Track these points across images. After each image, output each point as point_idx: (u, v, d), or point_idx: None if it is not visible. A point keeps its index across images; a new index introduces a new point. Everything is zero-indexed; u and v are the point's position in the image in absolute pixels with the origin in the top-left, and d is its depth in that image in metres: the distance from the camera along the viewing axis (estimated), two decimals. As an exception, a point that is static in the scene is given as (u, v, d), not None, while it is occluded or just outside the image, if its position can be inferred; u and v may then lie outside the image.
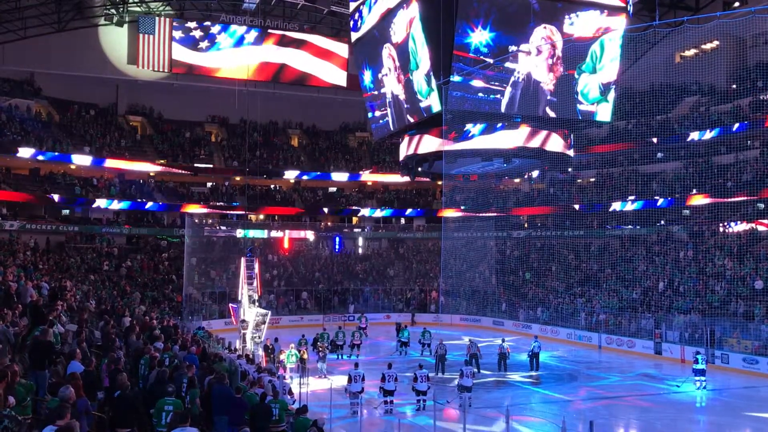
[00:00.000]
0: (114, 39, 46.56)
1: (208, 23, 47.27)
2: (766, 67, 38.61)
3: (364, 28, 33.07)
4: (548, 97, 28.54)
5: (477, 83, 27.78)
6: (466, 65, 27.11)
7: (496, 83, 28.04)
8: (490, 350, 28.89)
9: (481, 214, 47.75)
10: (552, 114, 29.00)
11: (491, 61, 26.69)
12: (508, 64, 27.78)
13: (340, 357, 29.39)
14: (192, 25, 47.02)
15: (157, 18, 46.13)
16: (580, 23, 28.08)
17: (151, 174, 48.27)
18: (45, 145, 42.00)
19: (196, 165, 49.10)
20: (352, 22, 34.25)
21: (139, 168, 46.99)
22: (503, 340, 27.62)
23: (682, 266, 36.19)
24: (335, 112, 55.77)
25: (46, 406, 8.58)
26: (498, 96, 28.40)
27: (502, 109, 28.35)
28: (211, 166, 49.89)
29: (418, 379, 19.86)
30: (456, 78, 26.84)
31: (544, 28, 27.58)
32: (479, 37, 26.93)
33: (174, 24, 46.62)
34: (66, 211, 44.74)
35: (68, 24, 43.21)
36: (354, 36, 34.68)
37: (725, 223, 37.13)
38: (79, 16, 43.80)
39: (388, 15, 29.84)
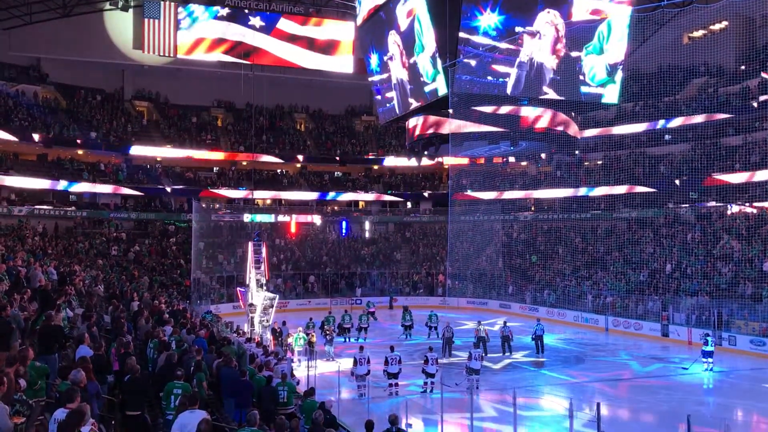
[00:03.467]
0: (119, 24, 46.38)
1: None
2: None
3: (370, 8, 32.93)
4: (551, 76, 28.44)
5: (486, 66, 27.70)
6: (474, 48, 27.01)
7: (505, 66, 27.96)
8: (496, 333, 28.98)
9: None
10: (556, 96, 28.90)
11: (499, 44, 26.60)
12: (514, 46, 27.68)
13: (347, 340, 29.53)
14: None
15: (162, 2, 45.95)
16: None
17: (158, 159, 48.37)
18: (52, 130, 42.16)
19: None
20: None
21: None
22: (504, 323, 27.67)
23: (689, 248, 36.08)
24: (341, 96, 55.60)
25: (57, 389, 8.66)
26: (506, 79, 28.32)
27: (508, 91, 28.27)
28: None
29: (429, 361, 19.96)
30: (464, 62, 26.75)
31: (548, 12, 27.45)
32: (488, 20, 26.80)
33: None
34: (74, 197, 44.94)
35: (73, 9, 43.08)
36: (360, 15, 34.49)
37: (735, 204, 36.88)
38: (84, 1, 43.66)
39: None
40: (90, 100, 48.31)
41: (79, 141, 44.07)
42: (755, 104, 36.87)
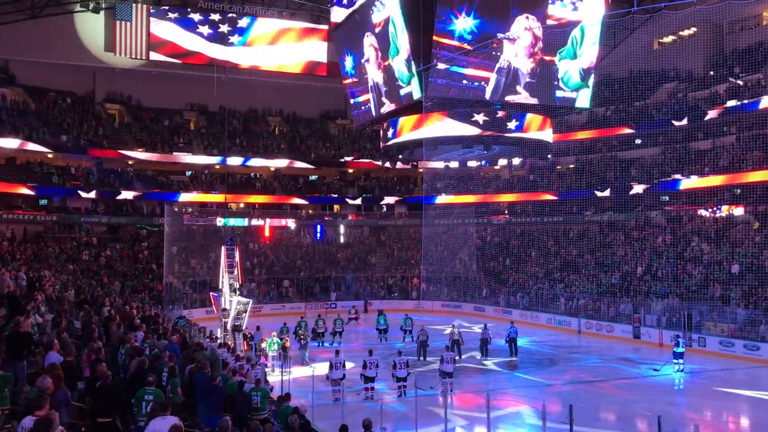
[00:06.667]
0: (90, 26, 45.81)
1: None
2: (742, 53, 38.97)
3: (346, 11, 32.95)
4: (526, 80, 28.72)
5: (460, 70, 27.86)
6: (449, 52, 27.15)
7: (481, 70, 28.15)
8: (470, 336, 29.07)
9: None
10: (532, 100, 29.16)
11: (474, 49, 26.79)
12: (491, 51, 27.88)
13: (321, 345, 29.38)
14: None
15: (133, 4, 45.49)
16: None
17: (129, 162, 47.80)
18: (21, 133, 41.48)
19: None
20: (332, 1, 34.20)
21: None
22: (485, 326, 27.75)
23: (660, 251, 36.56)
24: (315, 100, 55.45)
25: (25, 396, 8.52)
26: (482, 83, 28.46)
27: (487, 97, 28.44)
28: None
29: (398, 366, 19.96)
30: (439, 66, 26.86)
31: (527, 18, 27.70)
32: (463, 24, 26.96)
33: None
34: (44, 201, 44.23)
35: (43, 11, 42.44)
36: (335, 14, 34.50)
37: (707, 208, 37.42)
38: (54, 2, 43.02)
39: None
40: (60, 103, 47.59)
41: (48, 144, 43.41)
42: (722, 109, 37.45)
